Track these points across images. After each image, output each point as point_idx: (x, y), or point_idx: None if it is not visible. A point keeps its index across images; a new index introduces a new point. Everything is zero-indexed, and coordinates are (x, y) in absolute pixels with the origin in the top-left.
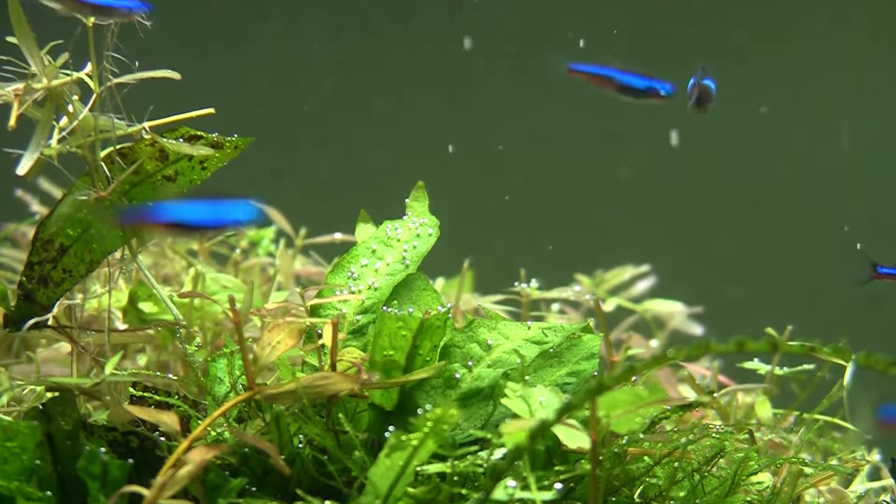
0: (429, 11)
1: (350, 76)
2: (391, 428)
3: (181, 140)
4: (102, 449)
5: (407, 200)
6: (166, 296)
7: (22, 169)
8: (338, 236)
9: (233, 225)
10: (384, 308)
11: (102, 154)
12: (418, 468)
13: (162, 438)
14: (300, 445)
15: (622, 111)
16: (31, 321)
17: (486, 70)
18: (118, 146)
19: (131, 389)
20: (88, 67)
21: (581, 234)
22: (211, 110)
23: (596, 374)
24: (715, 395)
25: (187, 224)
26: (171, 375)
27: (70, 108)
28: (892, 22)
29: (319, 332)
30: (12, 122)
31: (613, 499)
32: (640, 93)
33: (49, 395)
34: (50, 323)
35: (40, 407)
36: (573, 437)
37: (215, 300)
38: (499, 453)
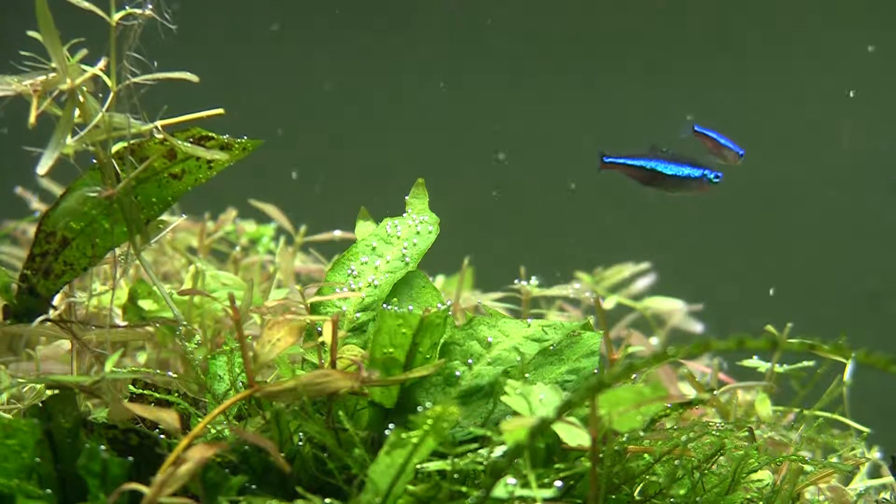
0: (429, 10)
1: (350, 75)
2: (391, 426)
3: (192, 140)
4: (102, 447)
5: (407, 198)
6: (167, 293)
7: (42, 168)
8: (338, 234)
9: None
10: (384, 306)
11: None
12: (418, 466)
13: (162, 436)
14: (300, 443)
15: (622, 110)
16: (39, 318)
17: (487, 69)
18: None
19: (131, 387)
20: (102, 63)
21: (581, 231)
22: (220, 111)
23: (596, 371)
24: (715, 392)
25: None
26: (170, 373)
27: (85, 104)
28: (893, 20)
29: (319, 329)
30: (32, 119)
31: (613, 496)
32: None
33: (49, 392)
34: (52, 316)
35: (40, 405)
36: (573, 435)
37: (215, 298)
38: (499, 451)
